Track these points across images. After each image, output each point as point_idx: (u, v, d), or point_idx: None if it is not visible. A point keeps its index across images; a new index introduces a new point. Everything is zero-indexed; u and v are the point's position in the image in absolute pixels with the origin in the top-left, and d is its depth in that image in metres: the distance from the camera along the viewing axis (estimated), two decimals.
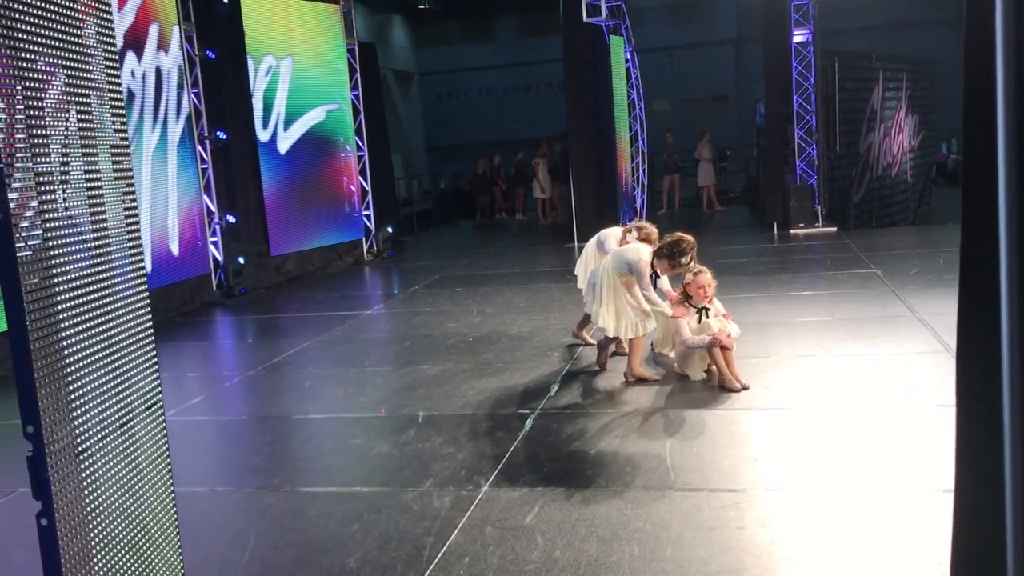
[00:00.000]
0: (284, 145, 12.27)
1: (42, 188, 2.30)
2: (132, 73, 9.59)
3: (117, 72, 2.75)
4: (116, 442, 2.55)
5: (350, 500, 4.48)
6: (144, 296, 2.77)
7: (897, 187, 18.17)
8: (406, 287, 11.41)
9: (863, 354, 6.43)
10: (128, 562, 2.57)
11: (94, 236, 2.53)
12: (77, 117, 2.51)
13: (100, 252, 2.55)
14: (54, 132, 2.38)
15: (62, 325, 2.32)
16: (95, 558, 2.40)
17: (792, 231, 13.69)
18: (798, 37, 13.82)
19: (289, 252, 12.48)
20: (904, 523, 3.75)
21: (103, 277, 2.55)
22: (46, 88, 2.36)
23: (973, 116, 1.96)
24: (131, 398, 2.66)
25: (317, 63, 12.85)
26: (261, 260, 12.03)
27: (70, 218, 2.42)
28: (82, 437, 2.38)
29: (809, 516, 3.90)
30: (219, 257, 11.26)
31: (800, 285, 9.48)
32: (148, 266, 9.08)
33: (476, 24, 30.66)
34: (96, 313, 2.49)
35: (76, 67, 2.51)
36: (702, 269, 6.16)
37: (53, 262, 2.31)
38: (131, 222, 2.74)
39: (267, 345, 8.59)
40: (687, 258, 6.05)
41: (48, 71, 2.37)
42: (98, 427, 2.46)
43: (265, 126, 11.87)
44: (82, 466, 2.37)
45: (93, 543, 2.39)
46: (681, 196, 19.10)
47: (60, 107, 2.43)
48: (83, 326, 2.42)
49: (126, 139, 2.78)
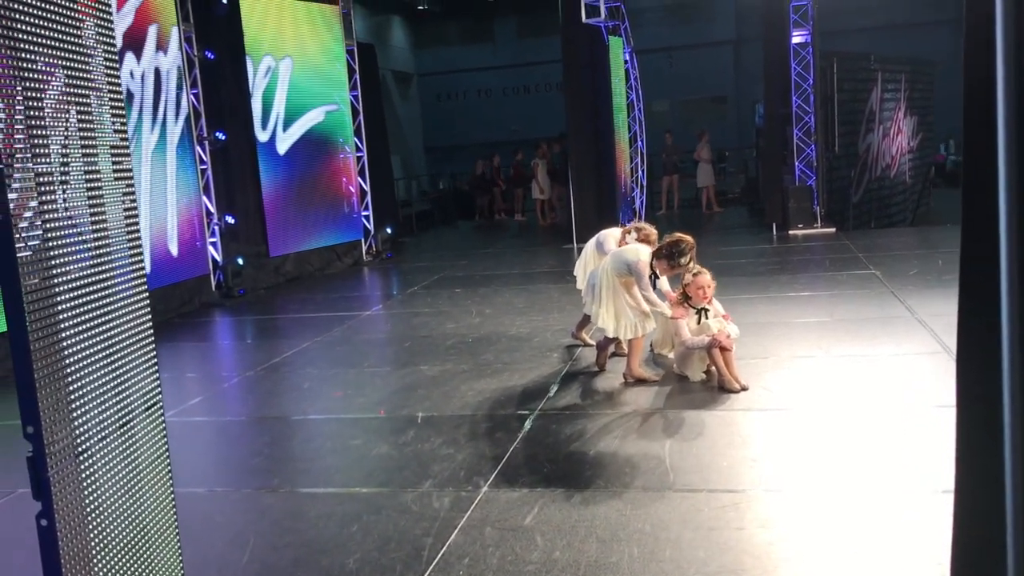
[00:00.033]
0: (283, 146, 12.26)
1: (42, 188, 2.30)
2: (131, 74, 9.58)
3: (117, 72, 2.75)
4: (116, 442, 2.55)
5: (349, 501, 4.48)
6: (144, 296, 2.77)
7: (896, 188, 18.19)
8: (405, 288, 11.41)
9: (862, 355, 6.44)
10: (128, 562, 2.57)
11: (94, 236, 2.53)
12: (77, 117, 2.51)
13: (100, 252, 2.55)
14: (54, 132, 2.38)
15: (62, 325, 2.32)
16: (95, 558, 2.40)
17: (791, 232, 13.69)
18: (797, 38, 13.82)
19: (288, 253, 12.47)
20: (903, 524, 3.75)
21: (103, 277, 2.55)
22: (46, 88, 2.36)
23: (973, 116, 1.96)
24: (131, 398, 2.66)
25: (316, 64, 12.85)
26: (260, 261, 12.02)
27: (70, 218, 2.42)
28: (82, 437, 2.38)
29: (808, 517, 3.90)
30: (218, 258, 11.26)
31: (799, 286, 9.49)
32: (147, 267, 9.06)
33: (475, 25, 30.69)
34: (96, 313, 2.49)
35: (76, 67, 2.51)
36: (701, 270, 6.15)
37: (53, 262, 2.31)
38: (131, 222, 2.74)
39: (266, 346, 8.58)
40: (686, 259, 6.05)
41: (48, 71, 2.37)
42: (98, 427, 2.46)
43: (264, 127, 11.87)
44: (82, 466, 2.37)
45: (93, 544, 2.39)
46: (680, 197, 19.11)
47: (60, 107, 2.43)
48: (83, 326, 2.42)
49: (126, 139, 2.78)
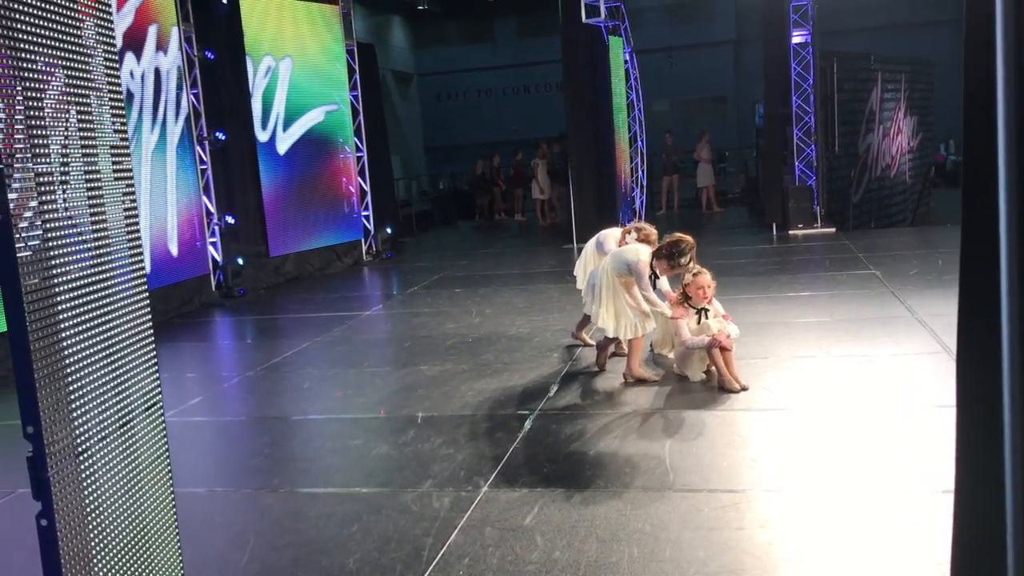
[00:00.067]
0: (283, 146, 12.26)
1: (42, 188, 2.30)
2: (131, 74, 9.58)
3: (117, 72, 2.75)
4: (116, 442, 2.55)
5: (349, 501, 4.48)
6: (144, 296, 2.77)
7: (896, 188, 18.19)
8: (405, 288, 11.40)
9: (862, 355, 6.44)
10: (128, 562, 2.57)
11: (94, 236, 2.53)
12: (77, 117, 2.51)
13: (100, 252, 2.55)
14: (54, 132, 2.38)
15: (62, 325, 2.32)
16: (95, 558, 2.40)
17: (791, 232, 13.69)
18: (797, 38, 13.82)
19: (288, 253, 12.47)
20: (903, 524, 3.75)
21: (103, 277, 2.55)
22: (46, 88, 2.36)
23: (973, 116, 1.96)
24: (131, 398, 2.66)
25: (316, 64, 12.85)
26: (260, 261, 12.02)
27: (70, 218, 2.42)
28: (82, 437, 2.38)
29: (808, 517, 3.90)
30: (218, 258, 11.26)
31: (799, 286, 9.49)
32: (147, 267, 9.06)
33: (475, 25, 30.69)
34: (96, 313, 2.49)
35: (76, 67, 2.51)
36: (701, 270, 6.15)
37: (53, 262, 2.31)
38: (131, 222, 2.74)
39: (266, 346, 8.58)
40: (686, 259, 6.05)
41: (48, 71, 2.37)
42: (98, 427, 2.46)
43: (264, 127, 11.87)
44: (82, 467, 2.37)
45: (93, 544, 2.39)
46: (680, 197, 19.11)
47: (60, 107, 2.43)
48: (83, 326, 2.42)
49: (126, 139, 2.78)
